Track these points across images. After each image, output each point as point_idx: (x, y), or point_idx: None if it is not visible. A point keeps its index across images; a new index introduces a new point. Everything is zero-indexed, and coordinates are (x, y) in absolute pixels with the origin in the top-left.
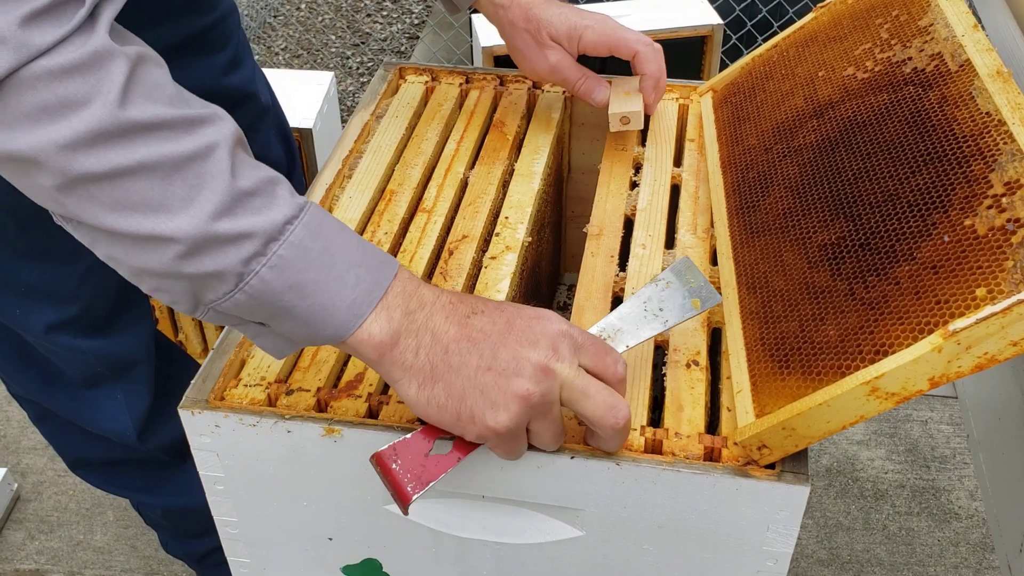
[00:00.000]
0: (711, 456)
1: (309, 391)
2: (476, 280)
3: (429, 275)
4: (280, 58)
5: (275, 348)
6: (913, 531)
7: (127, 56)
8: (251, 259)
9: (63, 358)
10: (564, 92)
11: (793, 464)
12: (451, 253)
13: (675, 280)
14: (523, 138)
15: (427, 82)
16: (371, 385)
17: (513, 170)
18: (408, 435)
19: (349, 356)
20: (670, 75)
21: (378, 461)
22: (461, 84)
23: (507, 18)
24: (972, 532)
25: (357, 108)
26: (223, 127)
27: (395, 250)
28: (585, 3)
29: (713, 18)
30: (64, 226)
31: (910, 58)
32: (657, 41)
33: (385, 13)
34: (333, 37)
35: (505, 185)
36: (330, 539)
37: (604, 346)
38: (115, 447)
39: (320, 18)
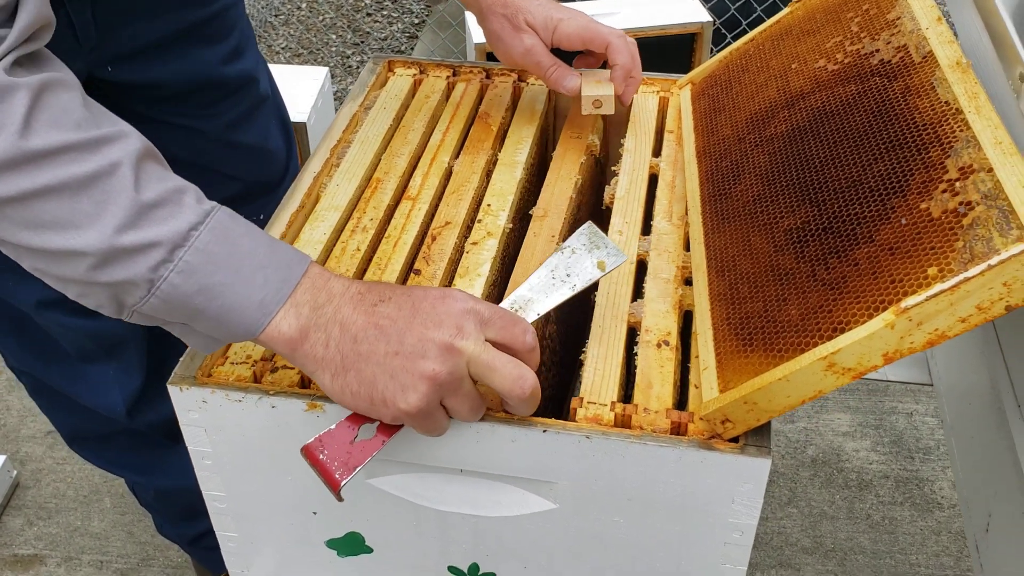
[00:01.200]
0: (678, 430)
1: (293, 368)
2: (458, 264)
3: (412, 259)
4: (281, 57)
5: (202, 344)
6: (896, 520)
7: (29, 87)
8: (159, 266)
9: (57, 333)
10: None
11: (755, 438)
12: (434, 239)
13: (580, 246)
14: (507, 129)
15: (415, 75)
16: None
17: (496, 160)
18: (332, 426)
19: None
20: (660, 71)
21: (307, 453)
22: (448, 77)
23: (486, 2)
24: (954, 521)
25: (346, 99)
26: (127, 143)
27: (380, 235)
28: (575, 0)
29: (703, 15)
30: None
31: (878, 50)
32: (647, 38)
33: (385, 12)
34: (333, 36)
35: (489, 174)
36: (314, 513)
37: (511, 318)
38: (108, 422)
39: (321, 17)
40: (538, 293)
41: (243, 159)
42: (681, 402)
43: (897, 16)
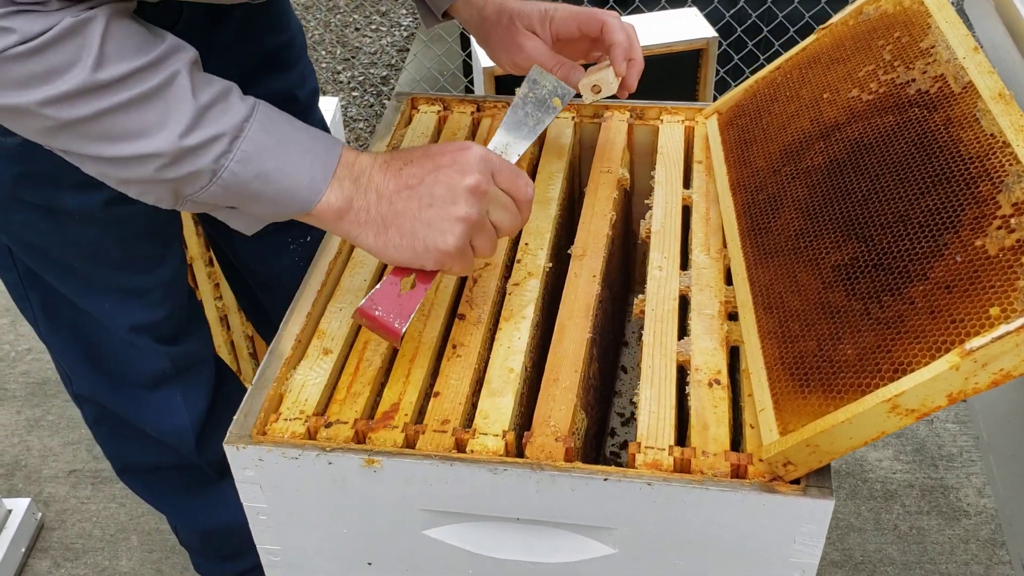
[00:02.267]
0: (738, 473)
1: (347, 423)
2: (501, 307)
3: (455, 303)
4: None
5: (245, 226)
6: (924, 530)
7: (103, 15)
8: (220, 157)
9: (138, 358)
10: (573, 117)
11: (817, 479)
12: (475, 281)
13: (532, 90)
14: (537, 164)
15: (439, 111)
16: (406, 415)
17: None
18: (377, 286)
19: (383, 388)
20: (666, 89)
21: (362, 314)
22: (473, 112)
23: (482, 16)
24: (981, 529)
25: (373, 140)
26: (181, 55)
27: None
28: None
29: (708, 32)
30: (55, 152)
31: (914, 79)
32: (653, 56)
33: (375, 27)
34: (324, 52)
35: None
36: (369, 564)
37: (515, 171)
38: (166, 452)
39: (310, 35)
40: (512, 136)
41: None
42: (735, 441)
43: (931, 45)
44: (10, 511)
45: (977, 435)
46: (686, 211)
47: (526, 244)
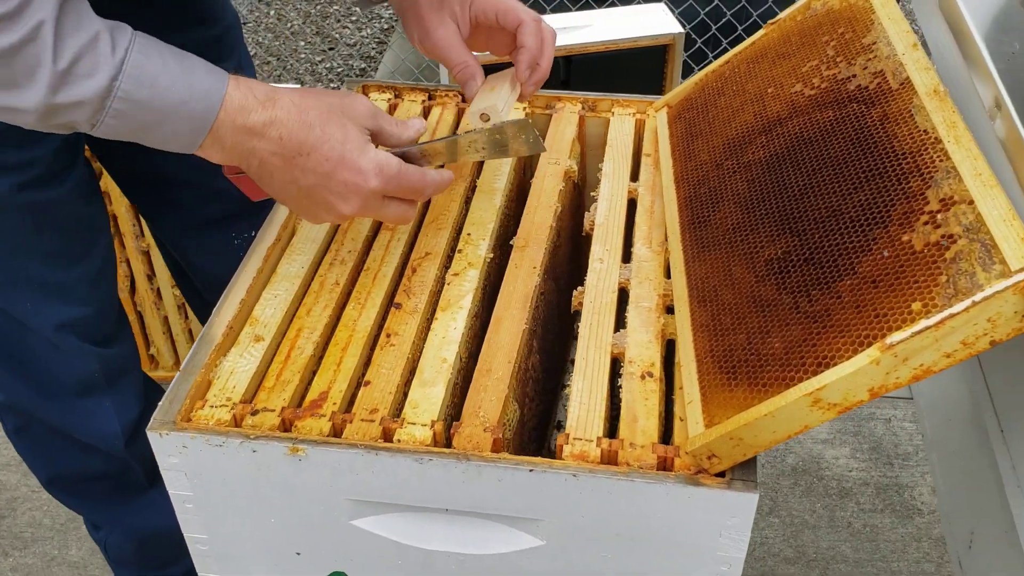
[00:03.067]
0: (665, 465)
1: (274, 411)
2: (439, 296)
3: (392, 292)
4: (253, 62)
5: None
6: (877, 528)
7: None
8: (94, 115)
9: (65, 361)
10: (524, 108)
11: (742, 472)
12: (414, 270)
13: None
14: None
15: (390, 99)
16: (335, 404)
17: (475, 187)
18: None
19: (314, 376)
20: (633, 84)
21: (229, 171)
22: (424, 101)
23: None
24: (934, 527)
25: None
26: (44, 3)
27: (359, 268)
28: (550, 13)
29: (674, 27)
30: None
31: (854, 75)
32: (619, 51)
33: (355, 19)
34: (302, 43)
35: (468, 202)
36: (298, 554)
37: (415, 187)
38: (95, 459)
39: (289, 24)
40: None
41: None
42: (666, 434)
43: (873, 41)
44: None
45: (923, 433)
46: (632, 204)
47: (468, 234)
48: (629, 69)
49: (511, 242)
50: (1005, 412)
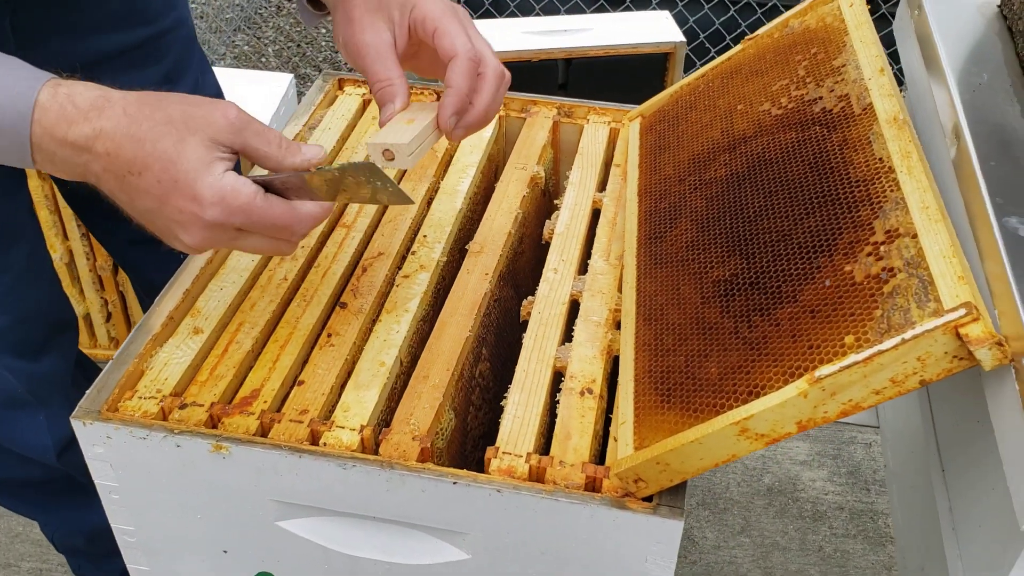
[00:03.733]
0: (593, 486)
1: (203, 406)
2: (386, 298)
3: (340, 291)
4: (270, 50)
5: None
6: (848, 553)
7: None
8: None
9: None
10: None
11: (670, 498)
12: (364, 270)
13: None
14: (452, 155)
15: (364, 94)
16: (265, 403)
17: (438, 188)
18: None
19: (248, 372)
20: (632, 92)
21: None
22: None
23: None
24: None
25: (290, 118)
26: None
27: (310, 264)
28: (547, 16)
29: (676, 35)
30: None
31: (821, 97)
32: (619, 57)
33: None
34: (325, 30)
35: (431, 203)
36: (225, 552)
37: (267, 221)
38: (33, 467)
39: None
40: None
41: None
42: (601, 454)
43: (843, 64)
44: None
45: (885, 464)
46: (597, 215)
47: (424, 236)
48: (628, 76)
49: (466, 246)
50: (947, 449)
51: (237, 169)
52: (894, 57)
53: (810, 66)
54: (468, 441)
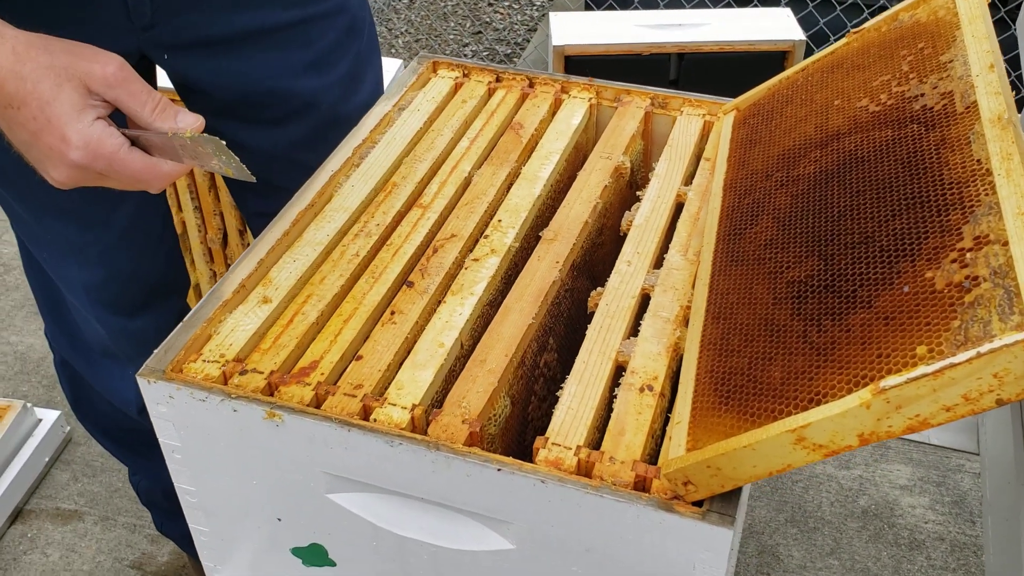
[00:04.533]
0: (643, 486)
1: (262, 373)
2: (453, 280)
3: (409, 270)
4: (399, 42)
5: None
6: None
7: None
8: None
9: (83, 320)
10: (590, 99)
11: (721, 504)
12: (435, 251)
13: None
14: (539, 142)
15: (457, 78)
16: (323, 375)
17: (519, 173)
18: None
19: (310, 344)
20: (746, 90)
21: None
22: (490, 82)
23: None
24: None
25: (381, 98)
26: None
27: (383, 242)
28: (665, 10)
29: (796, 34)
30: None
31: (923, 94)
32: (734, 53)
33: (508, 3)
34: (453, 24)
35: (510, 188)
36: (279, 520)
37: (127, 173)
38: (120, 414)
39: (444, 3)
40: None
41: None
42: (656, 454)
43: (950, 59)
44: (40, 420)
45: (982, 492)
46: (680, 209)
47: (499, 220)
48: (743, 74)
49: (540, 233)
50: None
51: (120, 121)
52: (1014, 64)
53: (915, 61)
54: (529, 432)
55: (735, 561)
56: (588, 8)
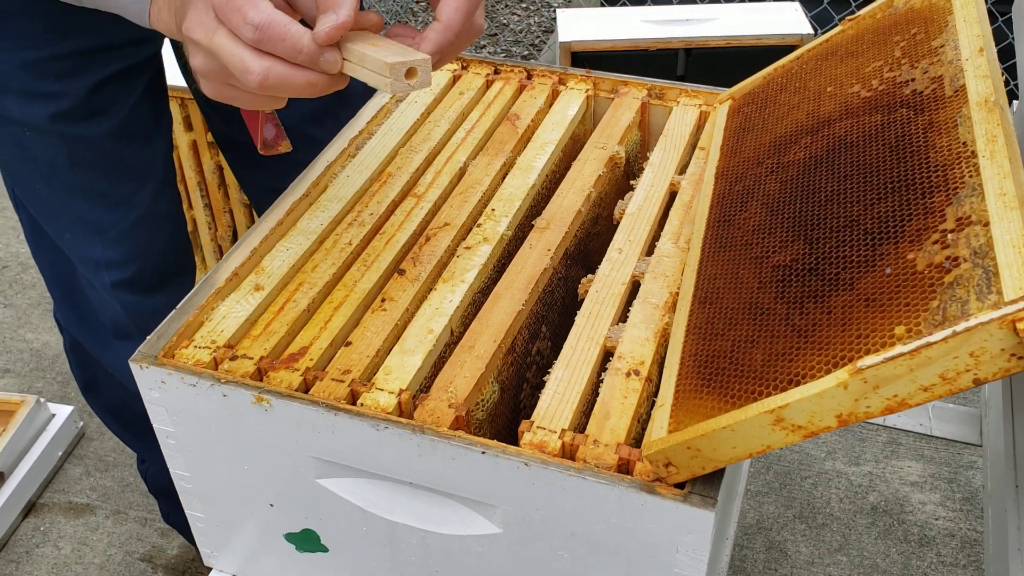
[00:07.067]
0: (626, 468)
1: (252, 359)
2: (445, 268)
3: (401, 258)
4: None
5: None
6: None
7: None
8: None
9: (99, 300)
10: (587, 91)
11: (703, 486)
12: (428, 239)
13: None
14: (533, 133)
15: (455, 70)
16: (311, 360)
17: (514, 164)
18: None
19: (300, 328)
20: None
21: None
22: (488, 75)
23: None
24: None
25: (379, 91)
26: None
27: (376, 231)
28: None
29: (803, 27)
30: None
31: (913, 79)
32: (741, 48)
33: (525, 5)
34: None
35: (505, 178)
36: (271, 505)
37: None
38: (130, 396)
39: None
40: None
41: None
42: (640, 438)
43: (941, 44)
44: (53, 415)
45: (983, 483)
46: (673, 198)
47: (492, 209)
48: (751, 69)
49: (533, 221)
50: (1023, 466)
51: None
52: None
53: (907, 47)
54: (520, 419)
55: (729, 549)
56: (602, 6)
